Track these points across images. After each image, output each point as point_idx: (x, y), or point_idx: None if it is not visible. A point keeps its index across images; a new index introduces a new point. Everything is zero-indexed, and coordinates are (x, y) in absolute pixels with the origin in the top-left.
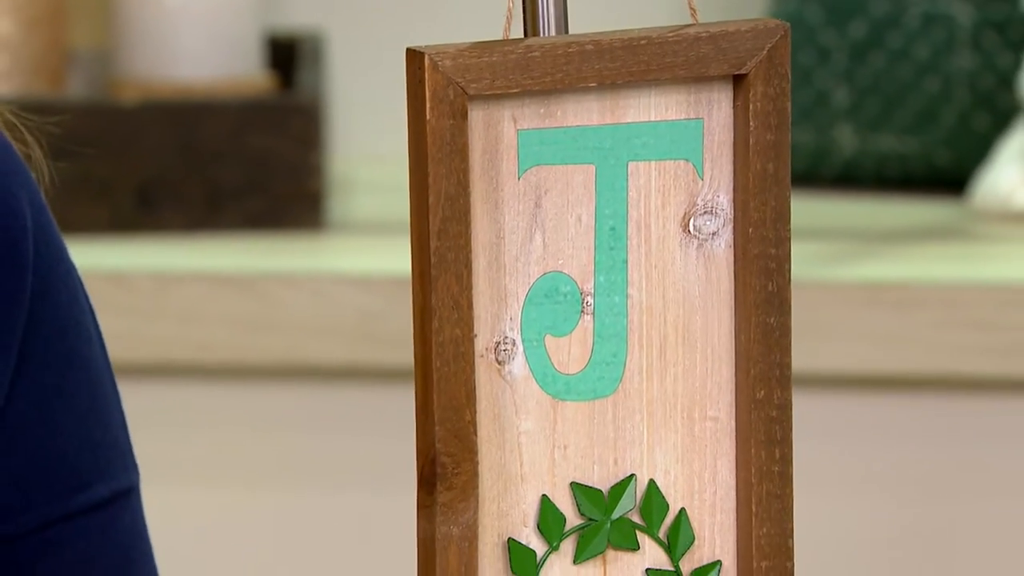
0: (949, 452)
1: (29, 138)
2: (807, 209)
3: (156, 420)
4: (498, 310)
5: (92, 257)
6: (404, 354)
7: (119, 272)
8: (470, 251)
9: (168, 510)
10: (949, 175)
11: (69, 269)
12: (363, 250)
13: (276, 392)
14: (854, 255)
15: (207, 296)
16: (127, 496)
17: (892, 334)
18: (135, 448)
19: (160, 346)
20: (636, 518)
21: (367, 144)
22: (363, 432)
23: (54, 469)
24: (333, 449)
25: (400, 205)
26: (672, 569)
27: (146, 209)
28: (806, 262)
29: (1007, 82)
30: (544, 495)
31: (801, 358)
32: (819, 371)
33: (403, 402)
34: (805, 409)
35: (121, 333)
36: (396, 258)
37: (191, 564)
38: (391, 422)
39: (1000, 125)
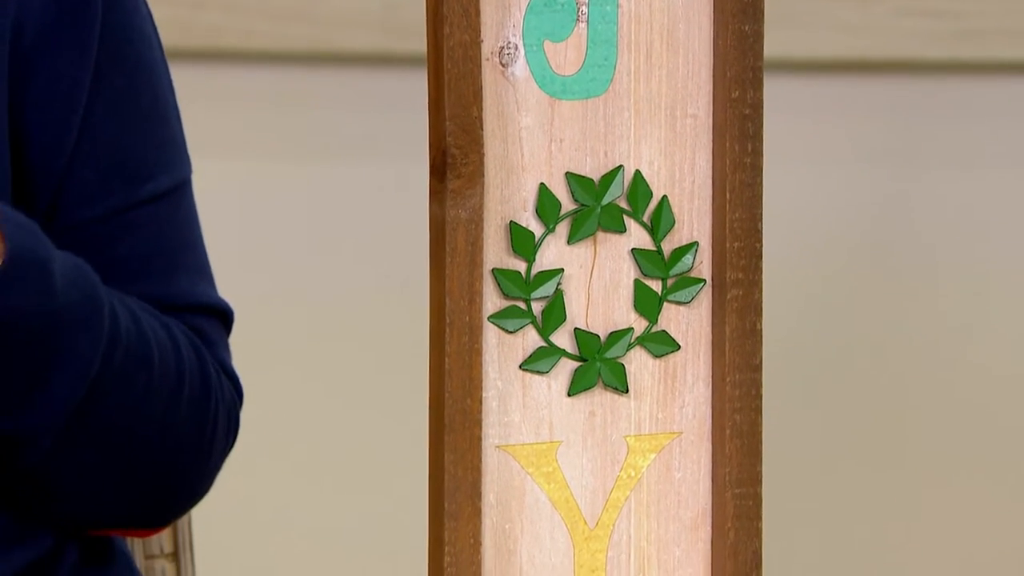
0: (906, 128)
1: None
2: None
3: (204, 100)
4: (502, 18)
5: None
6: (424, 43)
7: None
8: None
9: (216, 181)
10: None
11: None
12: None
13: (310, 75)
14: None
15: None
16: (184, 187)
17: (857, 23)
18: (188, 126)
19: (208, 34)
20: (623, 204)
21: None
22: (387, 112)
23: (127, 162)
24: (360, 126)
25: None
26: (654, 249)
27: None
28: None
29: None
30: (542, 183)
31: (778, 47)
32: (793, 57)
33: (423, 86)
34: (781, 92)
35: (173, 21)
36: None
37: (236, 227)
38: (412, 103)
39: None
